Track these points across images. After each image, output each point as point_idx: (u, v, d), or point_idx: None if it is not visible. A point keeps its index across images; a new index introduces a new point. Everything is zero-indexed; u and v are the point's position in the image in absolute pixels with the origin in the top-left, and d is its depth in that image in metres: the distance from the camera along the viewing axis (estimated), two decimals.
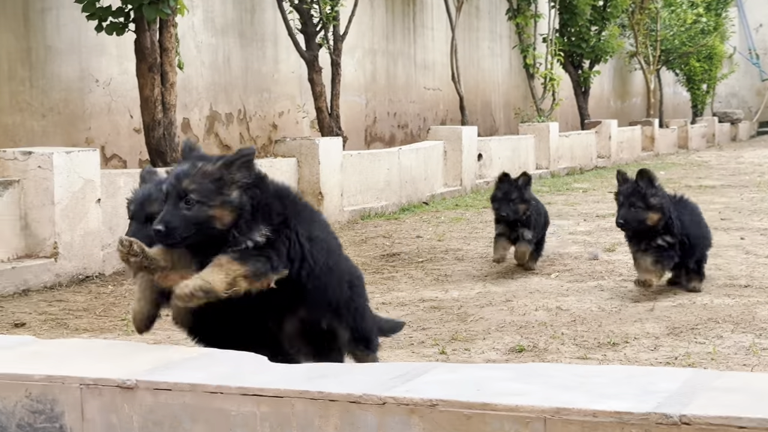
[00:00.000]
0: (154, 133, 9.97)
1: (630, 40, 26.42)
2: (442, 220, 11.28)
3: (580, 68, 22.56)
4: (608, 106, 27.84)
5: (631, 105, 29.92)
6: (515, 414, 2.67)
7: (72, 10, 10.45)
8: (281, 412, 2.91)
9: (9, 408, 3.18)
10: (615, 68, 28.06)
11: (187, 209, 3.57)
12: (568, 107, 22.91)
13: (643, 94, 29.21)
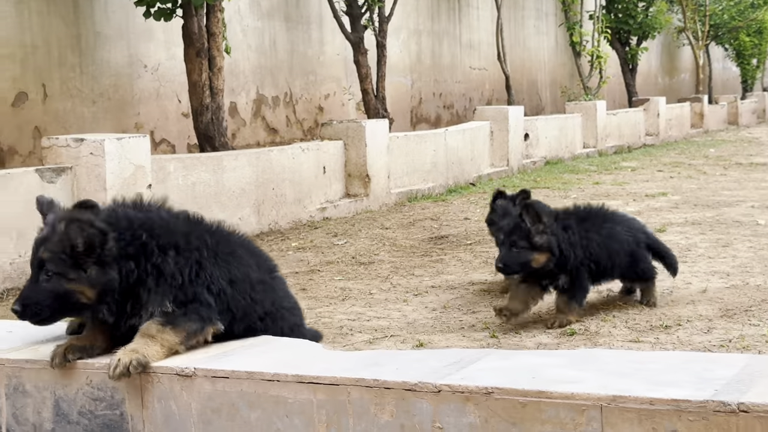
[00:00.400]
0: (202, 118, 10.04)
1: (678, 15, 26.05)
2: (489, 201, 11.23)
3: (628, 45, 22.31)
4: (656, 82, 27.52)
5: (679, 81, 29.54)
6: (571, 402, 2.67)
7: None
8: (337, 399, 2.94)
9: (71, 395, 3.24)
10: (663, 44, 27.70)
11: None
12: (615, 85, 22.69)
13: (691, 70, 28.84)
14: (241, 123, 12.87)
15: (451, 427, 2.81)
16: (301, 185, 10.04)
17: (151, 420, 3.15)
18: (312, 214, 10.13)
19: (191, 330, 3.25)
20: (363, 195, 10.84)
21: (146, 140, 8.17)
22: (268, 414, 3.01)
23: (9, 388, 3.32)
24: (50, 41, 10.02)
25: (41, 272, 3.20)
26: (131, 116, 11.02)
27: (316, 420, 2.96)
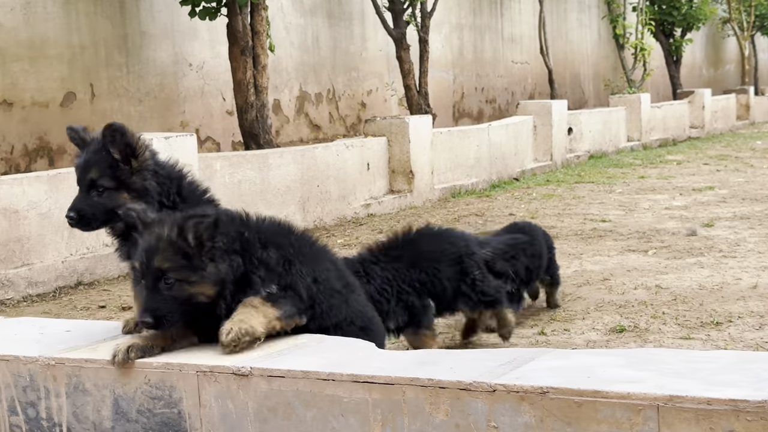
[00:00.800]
0: (247, 116, 10.12)
1: (722, 6, 25.76)
2: (534, 196, 11.21)
3: (672, 37, 22.11)
4: (701, 74, 27.23)
5: (724, 73, 29.21)
6: (627, 402, 2.67)
7: None
8: (392, 399, 2.96)
9: (129, 394, 3.29)
10: (707, 35, 27.41)
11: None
12: (660, 77, 22.49)
13: (737, 61, 28.50)
14: (285, 120, 12.94)
15: (506, 427, 2.81)
16: (345, 182, 10.08)
17: (208, 418, 3.19)
18: (356, 210, 10.17)
19: (288, 312, 3.34)
20: (407, 191, 10.86)
21: (193, 139, 8.25)
22: (324, 413, 3.04)
23: (69, 386, 3.38)
24: (97, 41, 10.14)
25: (160, 281, 3.26)
26: (177, 115, 11.12)
27: (372, 419, 2.98)
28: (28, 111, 9.49)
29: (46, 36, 9.63)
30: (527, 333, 5.29)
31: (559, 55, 19.43)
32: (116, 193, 3.61)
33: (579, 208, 10.03)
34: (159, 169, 3.70)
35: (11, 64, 9.31)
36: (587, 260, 7.26)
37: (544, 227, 8.76)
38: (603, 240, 8.01)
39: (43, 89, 9.62)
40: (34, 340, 3.65)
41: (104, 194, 3.61)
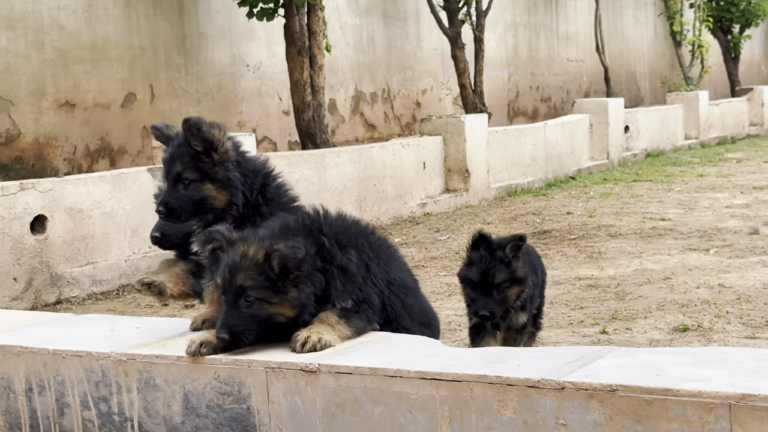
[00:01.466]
0: (303, 116, 10.18)
1: None
2: (591, 195, 11.14)
3: (730, 33, 21.79)
4: (759, 71, 26.81)
5: None
6: (698, 400, 2.66)
7: None
8: (460, 396, 2.97)
9: (199, 390, 3.34)
10: (766, 32, 26.97)
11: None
12: (717, 74, 22.19)
13: None
14: (340, 120, 13.00)
15: (575, 425, 2.81)
16: (401, 181, 10.10)
17: (276, 414, 3.23)
18: (413, 209, 10.19)
19: (359, 327, 3.44)
20: (463, 190, 10.85)
21: (251, 138, 8.33)
22: (391, 409, 3.06)
23: (140, 382, 3.44)
24: (157, 43, 10.28)
25: (240, 299, 3.30)
26: (234, 115, 11.23)
27: (439, 416, 3.00)
28: (90, 112, 9.65)
29: (107, 38, 9.79)
30: (588, 332, 5.27)
31: (615, 52, 19.27)
32: (201, 185, 3.67)
33: (637, 206, 9.94)
34: (242, 161, 3.76)
35: (73, 66, 9.47)
36: (647, 259, 7.21)
37: (602, 226, 8.76)
38: (663, 239, 7.94)
39: (104, 90, 9.77)
40: (105, 337, 3.73)
41: (190, 186, 3.68)
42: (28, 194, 6.59)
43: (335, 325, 3.38)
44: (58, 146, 9.36)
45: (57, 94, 9.34)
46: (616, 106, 14.44)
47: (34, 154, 9.16)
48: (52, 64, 9.28)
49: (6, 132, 8.92)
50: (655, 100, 20.66)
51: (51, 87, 9.28)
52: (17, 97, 8.99)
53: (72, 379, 3.56)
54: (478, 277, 4.35)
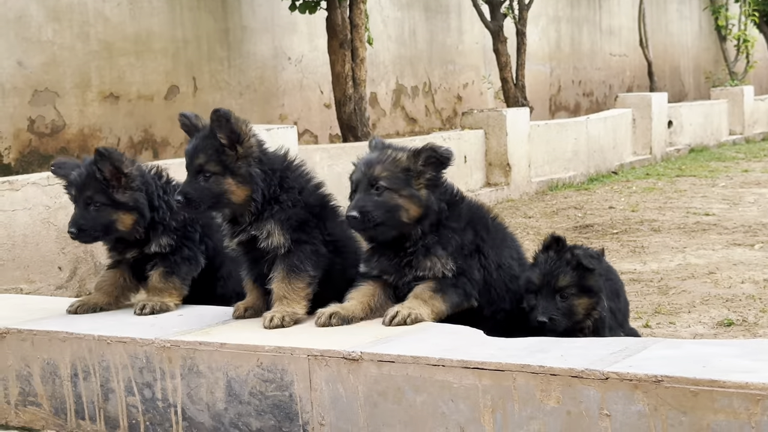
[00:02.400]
0: (345, 108, 10.19)
1: None
2: (633, 190, 11.05)
3: None
4: None
5: None
6: (745, 391, 2.63)
7: None
8: (502, 385, 2.96)
9: (242, 376, 3.36)
10: None
11: (377, 195, 3.59)
12: (763, 69, 21.91)
13: None
14: (381, 113, 13.00)
15: (619, 415, 2.80)
16: None
17: (319, 402, 3.24)
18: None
19: (454, 302, 3.61)
20: (504, 184, 10.80)
21: (293, 131, 8.34)
22: (434, 398, 3.06)
23: (184, 368, 3.47)
24: (200, 36, 10.34)
25: (372, 188, 3.57)
26: (276, 107, 11.27)
27: (481, 405, 2.99)
28: (133, 104, 9.73)
29: (151, 30, 9.85)
30: (632, 325, 5.21)
31: (659, 47, 19.08)
32: (222, 178, 3.68)
33: (681, 201, 9.84)
34: (264, 158, 3.76)
35: (118, 58, 9.55)
36: (691, 254, 7.13)
37: (645, 220, 8.68)
38: (707, 233, 7.86)
39: (148, 83, 9.85)
40: (149, 324, 3.76)
41: (210, 179, 3.68)
42: None
43: (428, 300, 3.55)
44: (102, 138, 9.44)
45: (101, 85, 9.42)
46: (659, 100, 14.30)
47: (78, 146, 9.25)
48: (96, 56, 9.36)
49: (51, 123, 9.02)
50: (699, 96, 20.44)
51: (96, 79, 9.37)
52: (62, 89, 9.09)
53: (117, 365, 3.59)
54: (540, 280, 3.75)
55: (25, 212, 6.33)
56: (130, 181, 4.01)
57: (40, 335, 3.75)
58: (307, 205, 3.78)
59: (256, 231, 3.70)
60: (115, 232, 4.01)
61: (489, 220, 3.82)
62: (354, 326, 3.53)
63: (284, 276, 3.66)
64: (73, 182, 4.03)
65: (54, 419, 3.75)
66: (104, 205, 3.97)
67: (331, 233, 3.81)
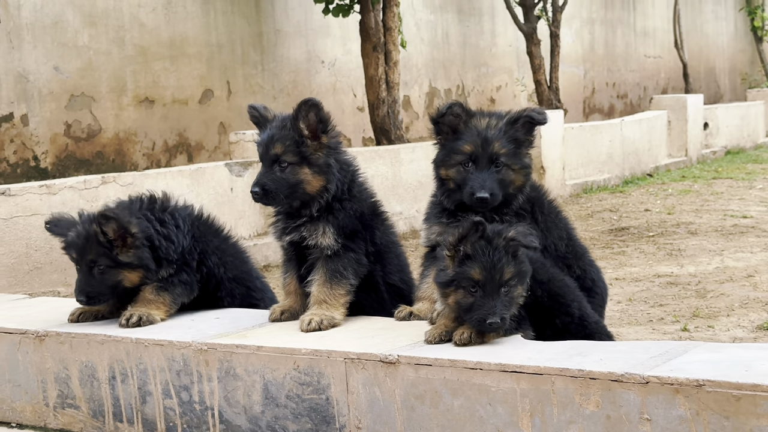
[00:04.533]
0: (378, 112, 10.18)
1: None
2: (669, 192, 10.96)
3: None
4: None
5: None
6: None
7: None
8: (541, 389, 2.94)
9: (279, 380, 3.36)
10: None
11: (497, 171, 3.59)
12: None
13: None
14: (414, 116, 12.99)
15: (659, 419, 2.76)
16: None
17: (355, 405, 3.23)
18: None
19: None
20: None
21: None
22: (471, 402, 3.04)
23: (221, 371, 3.47)
24: (234, 40, 10.38)
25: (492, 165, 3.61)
26: None
27: (520, 408, 2.97)
28: (168, 108, 9.79)
29: (186, 35, 9.91)
30: (669, 329, 5.17)
31: (694, 48, 18.93)
32: (299, 168, 3.65)
33: (718, 204, 9.74)
34: (340, 150, 3.76)
35: (153, 62, 9.62)
36: (729, 257, 7.05)
37: (682, 223, 8.60)
38: (745, 236, 7.77)
39: (182, 87, 9.90)
40: (186, 327, 3.77)
41: (287, 169, 3.65)
42: (110, 188, 6.71)
43: None
44: (138, 141, 9.51)
45: (137, 90, 9.49)
46: (695, 102, 14.17)
47: (114, 150, 9.32)
48: (132, 61, 9.43)
49: (87, 128, 9.09)
50: (735, 97, 20.25)
51: (131, 83, 9.44)
52: (98, 94, 9.16)
53: (154, 368, 3.61)
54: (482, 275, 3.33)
55: None
56: (135, 240, 3.86)
57: (78, 338, 3.78)
58: (362, 215, 3.77)
59: (307, 232, 3.69)
60: (123, 289, 3.89)
61: (546, 202, 3.87)
62: (391, 329, 3.52)
63: (326, 280, 3.65)
64: (72, 245, 3.87)
65: (92, 422, 3.77)
66: (109, 267, 3.83)
67: (376, 242, 3.80)
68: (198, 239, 4.05)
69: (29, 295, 5.23)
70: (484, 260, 3.20)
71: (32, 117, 8.63)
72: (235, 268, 4.16)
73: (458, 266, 3.22)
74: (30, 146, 8.66)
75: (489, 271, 3.19)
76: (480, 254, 3.21)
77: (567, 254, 3.85)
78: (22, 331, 3.90)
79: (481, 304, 3.18)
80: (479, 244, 3.22)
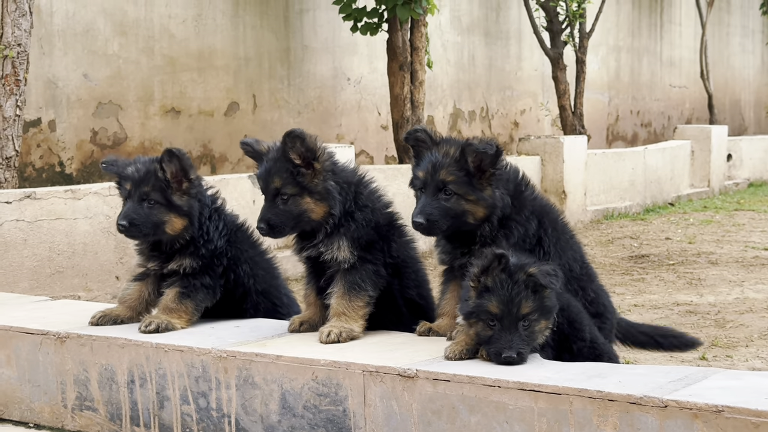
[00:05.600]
0: (402, 130, 10.21)
1: None
2: (690, 222, 10.93)
3: None
4: None
5: None
6: None
7: (327, 11, 10.90)
8: (559, 409, 2.94)
9: (296, 390, 3.38)
10: None
11: (446, 200, 3.55)
12: None
13: None
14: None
15: None
16: None
17: (372, 418, 3.24)
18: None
19: None
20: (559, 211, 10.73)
21: (350, 151, 8.40)
22: (488, 419, 3.05)
23: (239, 379, 3.49)
24: (261, 54, 10.46)
25: (440, 192, 3.55)
26: (333, 127, 11.34)
27: (536, 428, 2.97)
28: (194, 119, 9.86)
29: (214, 47, 9.99)
30: (687, 357, 5.15)
31: (720, 80, 18.90)
32: (300, 199, 3.68)
33: (739, 235, 9.71)
34: (337, 170, 3.77)
35: (181, 73, 9.69)
36: (749, 288, 7.03)
37: (702, 252, 8.57)
38: (766, 268, 7.74)
39: (209, 99, 9.97)
40: (206, 334, 3.79)
41: (289, 201, 3.68)
42: None
43: None
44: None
45: (164, 100, 9.56)
46: (719, 133, 14.15)
47: None
48: (160, 71, 9.51)
49: (114, 135, 9.16)
50: (759, 130, 20.20)
51: (158, 93, 9.51)
52: (126, 102, 9.24)
53: (173, 373, 3.63)
54: (499, 308, 3.34)
55: (86, 221, 6.44)
56: (190, 187, 3.97)
57: (99, 341, 3.81)
58: (377, 225, 3.79)
59: (324, 248, 3.71)
60: (163, 234, 3.94)
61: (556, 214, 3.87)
62: (414, 341, 3.53)
63: (344, 293, 3.67)
64: (129, 177, 3.95)
65: (109, 425, 3.80)
66: (159, 203, 3.91)
67: (393, 255, 3.81)
68: (232, 245, 4.09)
69: (51, 298, 5.27)
70: (503, 294, 3.22)
71: (59, 123, 8.71)
72: (265, 282, 4.19)
73: (478, 298, 3.24)
74: (56, 152, 8.73)
75: (507, 305, 3.21)
76: (499, 288, 3.23)
77: (582, 276, 3.85)
78: (43, 332, 3.93)
79: (498, 337, 3.21)
80: (500, 277, 3.23)
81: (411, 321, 3.85)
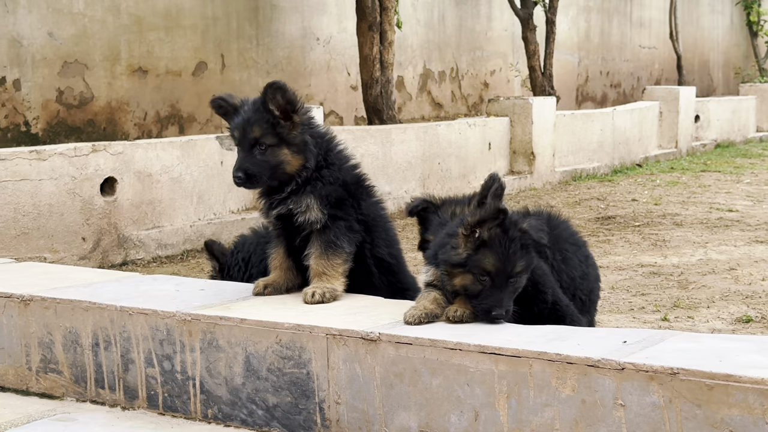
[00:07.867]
0: (371, 91, 10.20)
1: None
2: (657, 183, 11.02)
3: None
4: None
5: None
6: (761, 387, 2.64)
7: None
8: (519, 371, 2.98)
9: (261, 353, 3.40)
10: None
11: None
12: None
13: None
14: (407, 97, 13.00)
15: (633, 405, 2.81)
16: (466, 160, 10.08)
17: (335, 381, 3.27)
18: (476, 189, 10.15)
19: None
20: (527, 172, 10.80)
21: (319, 111, 8.39)
22: (450, 381, 3.09)
23: (203, 342, 3.50)
24: (230, 13, 10.37)
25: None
26: (303, 87, 11.30)
27: (497, 390, 3.02)
28: (161, 79, 9.78)
29: (182, 6, 9.89)
30: (650, 318, 5.23)
31: (689, 41, 18.96)
32: (278, 150, 3.69)
33: (705, 196, 9.81)
34: (312, 125, 3.79)
35: (148, 32, 9.60)
36: (712, 249, 7.12)
37: (668, 214, 8.65)
38: (729, 230, 7.83)
39: (176, 58, 9.89)
40: (171, 297, 3.80)
41: (267, 151, 3.69)
42: (100, 156, 6.72)
43: None
44: (130, 111, 9.51)
45: (130, 59, 9.47)
46: (687, 94, 14.22)
47: (105, 118, 9.32)
48: (126, 30, 9.41)
49: (80, 95, 9.08)
50: (728, 91, 20.31)
51: (125, 52, 9.42)
52: (92, 61, 9.14)
53: (137, 336, 3.64)
54: (494, 265, 3.29)
55: (51, 182, 6.40)
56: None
57: (63, 304, 3.80)
58: (345, 183, 3.80)
59: (294, 205, 3.73)
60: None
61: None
62: (374, 307, 3.56)
63: (321, 252, 3.69)
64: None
65: (74, 387, 3.81)
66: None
67: (363, 212, 3.84)
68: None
69: (15, 259, 5.24)
70: (500, 251, 3.21)
71: (24, 82, 8.62)
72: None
73: (472, 251, 3.23)
74: (21, 111, 8.65)
75: (503, 263, 3.21)
76: (496, 244, 3.21)
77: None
78: (7, 294, 3.92)
79: (489, 294, 3.21)
80: (495, 232, 3.22)
81: (381, 280, 3.89)
